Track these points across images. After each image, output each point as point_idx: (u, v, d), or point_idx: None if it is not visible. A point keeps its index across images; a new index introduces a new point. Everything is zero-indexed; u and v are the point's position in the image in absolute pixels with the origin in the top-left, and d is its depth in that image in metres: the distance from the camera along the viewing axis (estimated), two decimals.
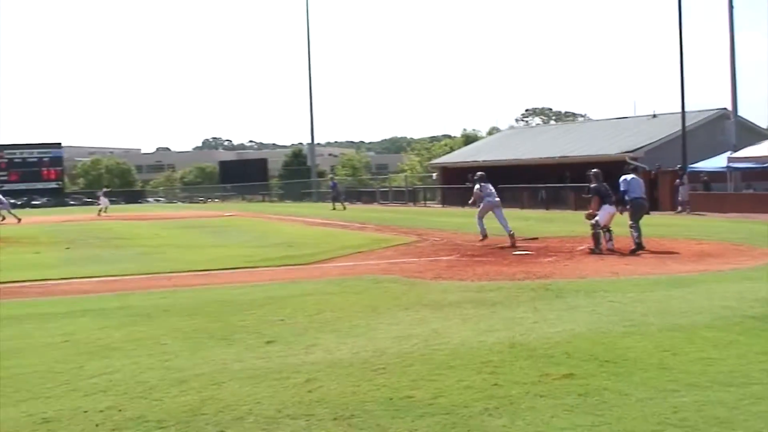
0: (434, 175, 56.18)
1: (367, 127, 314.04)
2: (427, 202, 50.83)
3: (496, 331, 7.83)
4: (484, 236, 17.95)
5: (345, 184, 70.06)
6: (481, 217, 18.26)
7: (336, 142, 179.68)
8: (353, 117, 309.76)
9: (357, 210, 42.20)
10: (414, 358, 6.74)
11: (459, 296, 10.20)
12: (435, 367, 6.38)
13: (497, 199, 18.23)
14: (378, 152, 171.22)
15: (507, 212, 18.52)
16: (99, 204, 47.71)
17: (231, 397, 5.69)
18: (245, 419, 5.16)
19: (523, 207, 36.50)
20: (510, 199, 39.45)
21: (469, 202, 19.56)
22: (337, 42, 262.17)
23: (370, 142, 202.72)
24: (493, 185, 18.47)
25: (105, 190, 51.96)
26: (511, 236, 17.45)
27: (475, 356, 6.72)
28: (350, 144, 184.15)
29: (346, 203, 46.06)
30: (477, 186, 18.26)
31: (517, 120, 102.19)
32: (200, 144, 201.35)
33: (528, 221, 25.82)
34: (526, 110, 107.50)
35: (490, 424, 4.93)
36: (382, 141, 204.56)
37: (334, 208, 42.66)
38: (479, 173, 18.62)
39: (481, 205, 18.26)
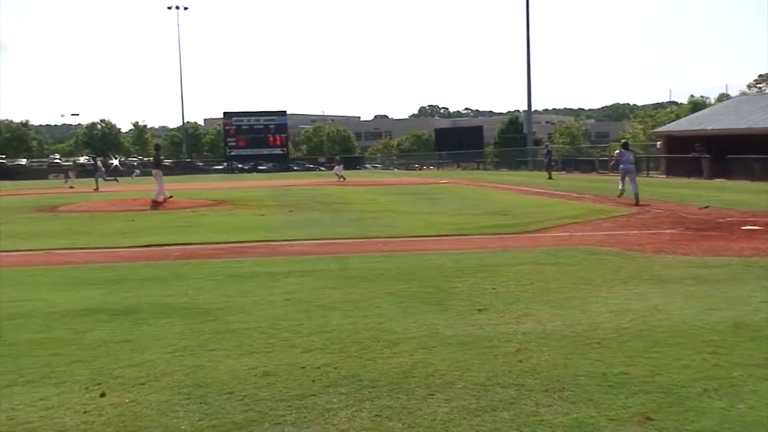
0: (658, 143, 53.57)
1: (587, 93, 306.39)
2: (650, 172, 48.80)
3: (719, 309, 7.42)
4: (621, 193, 22.72)
5: (562, 153, 68.74)
6: (621, 179, 23.15)
7: (554, 109, 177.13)
8: (573, 83, 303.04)
9: (575, 179, 41.26)
10: (631, 333, 6.52)
11: (681, 272, 9.72)
12: (653, 344, 6.14)
13: (631, 166, 22.78)
14: (598, 120, 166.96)
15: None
16: (336, 170, 50.68)
17: (441, 362, 5.75)
18: (455, 385, 5.20)
19: (754, 179, 34.02)
20: (740, 171, 37.06)
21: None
22: (556, 4, 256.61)
23: (589, 109, 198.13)
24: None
25: (338, 158, 58.39)
26: (636, 197, 21.50)
27: (695, 335, 6.41)
28: (569, 111, 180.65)
29: (555, 172, 45.23)
30: (617, 152, 23.86)
31: (749, 86, 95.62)
32: (416, 112, 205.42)
33: (759, 195, 24.17)
34: (759, 76, 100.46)
35: (709, 405, 4.70)
36: (603, 108, 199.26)
37: (550, 177, 42.00)
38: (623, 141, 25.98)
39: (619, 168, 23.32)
